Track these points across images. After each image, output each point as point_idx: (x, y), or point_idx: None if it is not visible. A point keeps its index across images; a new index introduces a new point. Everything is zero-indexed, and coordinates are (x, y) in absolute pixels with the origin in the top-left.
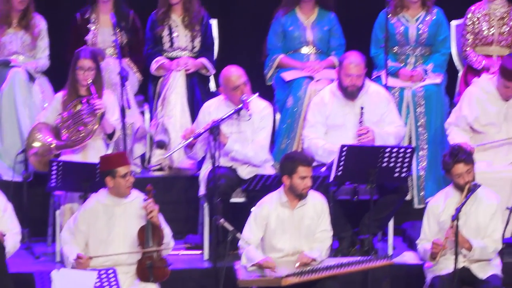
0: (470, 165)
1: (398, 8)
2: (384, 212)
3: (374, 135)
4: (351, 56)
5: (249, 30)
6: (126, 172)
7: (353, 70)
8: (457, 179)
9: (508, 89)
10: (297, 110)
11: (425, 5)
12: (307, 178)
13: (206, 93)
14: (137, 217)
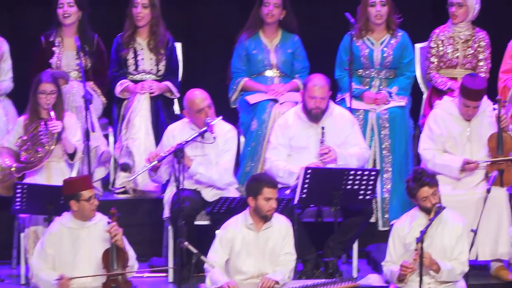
0: (435, 188)
1: (363, 31)
2: (348, 235)
3: (336, 155)
4: (315, 78)
5: (213, 54)
6: (90, 196)
7: (317, 93)
8: (423, 202)
9: (469, 108)
10: (261, 133)
11: (390, 29)
12: (272, 199)
13: (170, 116)
14: (102, 240)
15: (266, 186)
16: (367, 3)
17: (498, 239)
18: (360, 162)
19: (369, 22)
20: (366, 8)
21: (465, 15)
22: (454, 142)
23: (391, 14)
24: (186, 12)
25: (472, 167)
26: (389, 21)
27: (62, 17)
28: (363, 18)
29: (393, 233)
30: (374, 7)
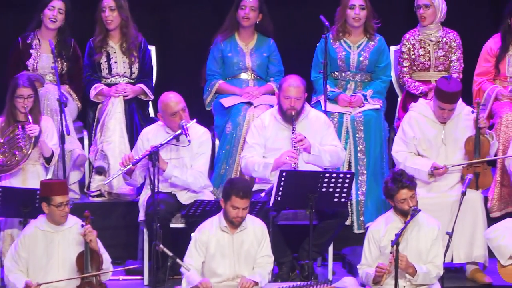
0: (413, 191)
1: (340, 34)
2: (324, 237)
3: (310, 144)
4: (290, 79)
5: (188, 56)
6: (62, 202)
7: (292, 93)
8: (401, 204)
9: (444, 111)
10: (236, 135)
11: (368, 32)
12: (239, 209)
13: (145, 119)
14: (76, 243)
15: (235, 195)
16: (347, 5)
17: (473, 242)
18: (333, 159)
19: (347, 24)
20: (345, 10)
21: (433, 16)
22: (429, 145)
23: (369, 18)
24: (160, 15)
25: (440, 173)
26: (367, 25)
27: (48, 20)
28: (341, 20)
29: (369, 236)
30: (353, 9)
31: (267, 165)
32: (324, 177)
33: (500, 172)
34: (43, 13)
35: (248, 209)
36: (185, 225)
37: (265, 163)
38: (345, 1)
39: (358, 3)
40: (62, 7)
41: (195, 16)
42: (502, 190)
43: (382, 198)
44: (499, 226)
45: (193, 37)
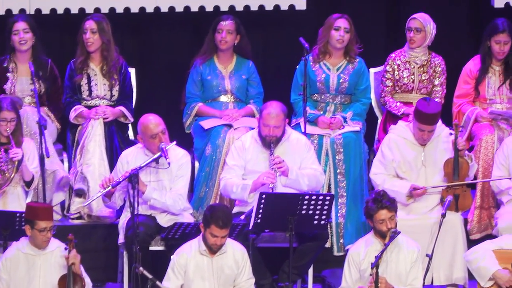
0: (393, 212)
1: (321, 55)
2: (303, 260)
3: (288, 167)
4: (270, 106)
5: (167, 79)
6: (45, 227)
7: (272, 121)
8: (380, 225)
9: (424, 133)
10: (215, 158)
11: (348, 55)
12: (218, 238)
13: (124, 141)
14: (58, 266)
15: (215, 224)
16: (332, 26)
17: (453, 263)
18: (311, 183)
19: (329, 45)
20: (329, 30)
21: (423, 40)
22: (408, 167)
23: (352, 42)
24: (140, 37)
25: (419, 193)
26: (349, 49)
27: (19, 44)
28: (324, 40)
29: (349, 258)
30: (338, 31)
31: (245, 187)
32: (304, 199)
33: (480, 194)
34: (11, 39)
35: (227, 236)
36: (165, 248)
37: (243, 184)
38: (330, 22)
39: (343, 25)
40: (25, 26)
41: (175, 39)
42: (482, 212)
43: (362, 220)
44: (478, 248)
45: (173, 60)
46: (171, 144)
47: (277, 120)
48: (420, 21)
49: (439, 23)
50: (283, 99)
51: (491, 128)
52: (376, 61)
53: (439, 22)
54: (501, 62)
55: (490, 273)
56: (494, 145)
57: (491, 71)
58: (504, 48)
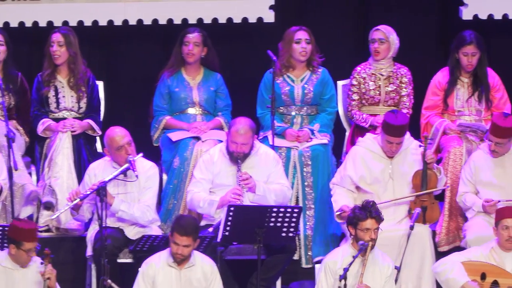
0: (378, 224)
1: (283, 69)
2: (271, 272)
3: (255, 183)
4: (239, 124)
5: (135, 92)
6: (30, 248)
7: (240, 139)
8: (363, 233)
9: (392, 145)
10: (183, 170)
11: (311, 65)
12: (179, 246)
13: (92, 154)
14: (35, 281)
15: (177, 231)
16: (292, 39)
17: (422, 276)
18: (278, 198)
19: (292, 58)
20: (290, 44)
21: (387, 52)
22: (375, 180)
23: (313, 52)
24: (108, 50)
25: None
26: (311, 59)
27: None
28: (286, 55)
29: (325, 268)
30: (299, 44)
31: (212, 203)
32: (272, 211)
33: (448, 206)
34: None
35: (191, 247)
36: (133, 260)
37: (210, 200)
38: (289, 36)
39: (304, 37)
40: (1, 38)
41: (143, 52)
42: (450, 224)
43: (330, 233)
44: (447, 260)
45: (141, 73)
46: (138, 155)
47: (245, 137)
48: (383, 31)
49: (408, 34)
50: (251, 111)
51: (460, 141)
52: (343, 74)
53: (408, 33)
54: (470, 74)
55: (459, 285)
56: (462, 157)
57: (459, 83)
58: (472, 60)
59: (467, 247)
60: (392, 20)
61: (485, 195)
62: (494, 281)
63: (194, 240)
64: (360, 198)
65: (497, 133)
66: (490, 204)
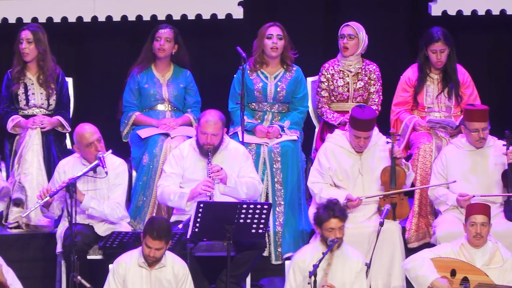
0: (343, 222)
1: (257, 65)
2: (241, 268)
3: (226, 175)
4: (208, 114)
5: (105, 88)
6: None
7: (210, 129)
8: (328, 233)
9: (360, 140)
10: (152, 167)
11: (285, 63)
12: (152, 249)
13: (62, 151)
14: None
15: (149, 234)
16: (264, 35)
17: (392, 272)
18: (250, 191)
19: (265, 54)
20: (262, 40)
21: (356, 48)
22: (345, 175)
23: (287, 48)
24: (78, 47)
25: (353, 205)
26: (284, 56)
27: None
28: (258, 50)
29: (294, 265)
30: (271, 39)
31: (183, 195)
32: (242, 208)
33: (418, 202)
34: None
35: (163, 250)
36: (103, 257)
37: (180, 192)
38: (262, 31)
39: (275, 32)
40: None
41: (112, 48)
42: (419, 220)
43: (300, 229)
44: (417, 257)
45: (110, 69)
46: (107, 152)
47: (215, 128)
48: (353, 27)
49: (377, 30)
50: (220, 108)
51: (429, 137)
52: (313, 70)
53: (376, 29)
54: (439, 71)
55: (428, 282)
56: (432, 153)
57: (429, 79)
58: (441, 57)
59: (437, 244)
60: (361, 16)
61: (456, 190)
62: (464, 278)
63: (167, 243)
64: None
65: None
66: (465, 199)
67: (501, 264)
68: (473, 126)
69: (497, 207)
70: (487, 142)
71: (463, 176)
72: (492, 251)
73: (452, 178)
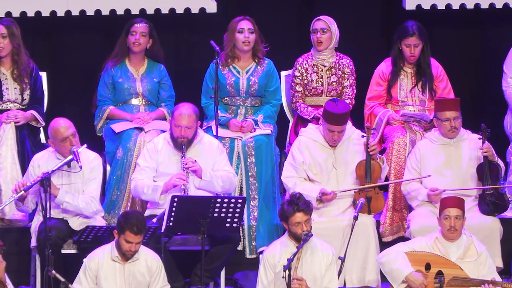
0: (308, 216)
1: (229, 59)
2: (215, 262)
3: (201, 168)
4: (182, 107)
5: (79, 82)
6: None
7: (183, 122)
8: (295, 227)
9: (334, 133)
10: (126, 161)
11: (256, 57)
12: (132, 244)
13: (36, 145)
14: None
15: (130, 230)
16: (235, 29)
17: (366, 266)
18: (225, 184)
19: (236, 49)
20: (233, 34)
21: (329, 41)
22: (319, 169)
23: (258, 42)
24: (52, 41)
25: (328, 198)
26: (256, 49)
27: None
28: (229, 44)
29: (264, 261)
30: (242, 33)
31: (156, 188)
32: (216, 202)
33: (392, 196)
34: None
35: (140, 243)
36: (77, 251)
37: (154, 186)
38: (233, 26)
39: (247, 26)
40: None
41: (86, 43)
42: (394, 214)
43: (274, 223)
44: (391, 251)
45: (84, 63)
46: (82, 147)
47: (188, 120)
48: (325, 21)
49: (351, 24)
50: (194, 102)
51: (403, 130)
52: (287, 64)
53: (351, 23)
54: (413, 65)
55: (403, 276)
56: (406, 147)
57: (403, 73)
58: (415, 52)
59: (412, 237)
60: (335, 10)
61: (431, 184)
62: (439, 271)
63: (145, 235)
64: None
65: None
66: (436, 193)
67: (476, 258)
68: (445, 116)
69: (472, 201)
70: (461, 136)
71: (437, 170)
72: (466, 245)
73: (426, 172)
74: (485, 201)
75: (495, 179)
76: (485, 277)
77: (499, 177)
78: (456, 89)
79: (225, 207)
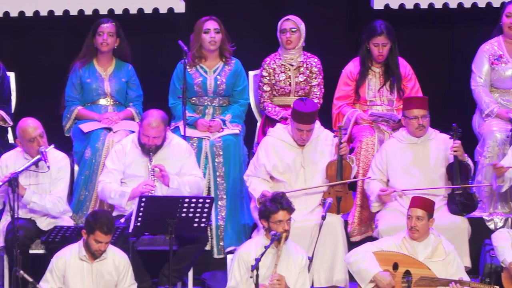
0: (290, 215)
1: (196, 59)
2: (183, 262)
3: (169, 176)
4: (151, 116)
5: (47, 82)
6: None
7: (151, 132)
8: (276, 226)
9: (302, 133)
10: (95, 161)
11: (223, 56)
12: (102, 243)
13: (4, 145)
14: None
15: (100, 230)
16: (201, 29)
17: (334, 266)
18: (193, 190)
19: (203, 49)
20: (199, 35)
21: (298, 40)
22: (287, 168)
23: (224, 42)
24: (20, 41)
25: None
26: (223, 49)
27: None
28: (196, 45)
29: (238, 258)
30: (208, 33)
31: (124, 194)
32: (184, 202)
33: (360, 196)
34: None
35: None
36: (45, 251)
37: (121, 191)
38: (199, 26)
39: (212, 26)
40: None
41: (54, 43)
42: (362, 213)
43: (242, 223)
44: (359, 250)
45: (53, 64)
46: (49, 147)
47: (157, 131)
48: (294, 21)
49: (319, 24)
50: (163, 102)
51: (372, 130)
52: (255, 64)
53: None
54: (381, 64)
55: (371, 276)
56: (374, 147)
57: (371, 73)
58: (383, 51)
59: (379, 237)
60: (303, 9)
61: (397, 184)
62: (406, 271)
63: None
64: (274, 188)
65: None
66: (386, 193)
67: (444, 257)
68: (412, 114)
69: (441, 200)
70: (429, 135)
71: (405, 170)
72: (434, 244)
73: (393, 172)
74: (454, 201)
75: (465, 179)
76: (453, 276)
77: (468, 177)
78: (425, 89)
79: (193, 207)
